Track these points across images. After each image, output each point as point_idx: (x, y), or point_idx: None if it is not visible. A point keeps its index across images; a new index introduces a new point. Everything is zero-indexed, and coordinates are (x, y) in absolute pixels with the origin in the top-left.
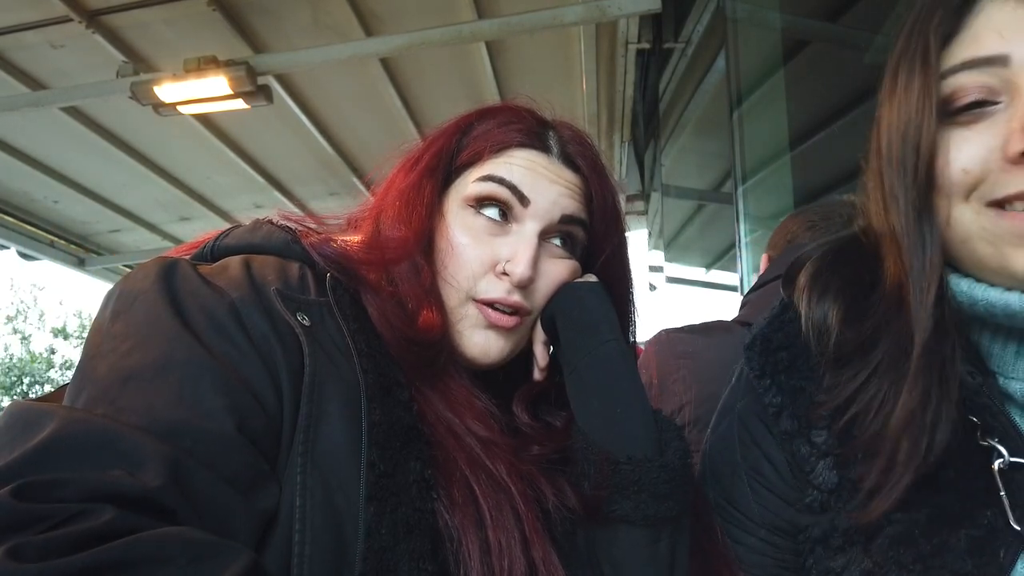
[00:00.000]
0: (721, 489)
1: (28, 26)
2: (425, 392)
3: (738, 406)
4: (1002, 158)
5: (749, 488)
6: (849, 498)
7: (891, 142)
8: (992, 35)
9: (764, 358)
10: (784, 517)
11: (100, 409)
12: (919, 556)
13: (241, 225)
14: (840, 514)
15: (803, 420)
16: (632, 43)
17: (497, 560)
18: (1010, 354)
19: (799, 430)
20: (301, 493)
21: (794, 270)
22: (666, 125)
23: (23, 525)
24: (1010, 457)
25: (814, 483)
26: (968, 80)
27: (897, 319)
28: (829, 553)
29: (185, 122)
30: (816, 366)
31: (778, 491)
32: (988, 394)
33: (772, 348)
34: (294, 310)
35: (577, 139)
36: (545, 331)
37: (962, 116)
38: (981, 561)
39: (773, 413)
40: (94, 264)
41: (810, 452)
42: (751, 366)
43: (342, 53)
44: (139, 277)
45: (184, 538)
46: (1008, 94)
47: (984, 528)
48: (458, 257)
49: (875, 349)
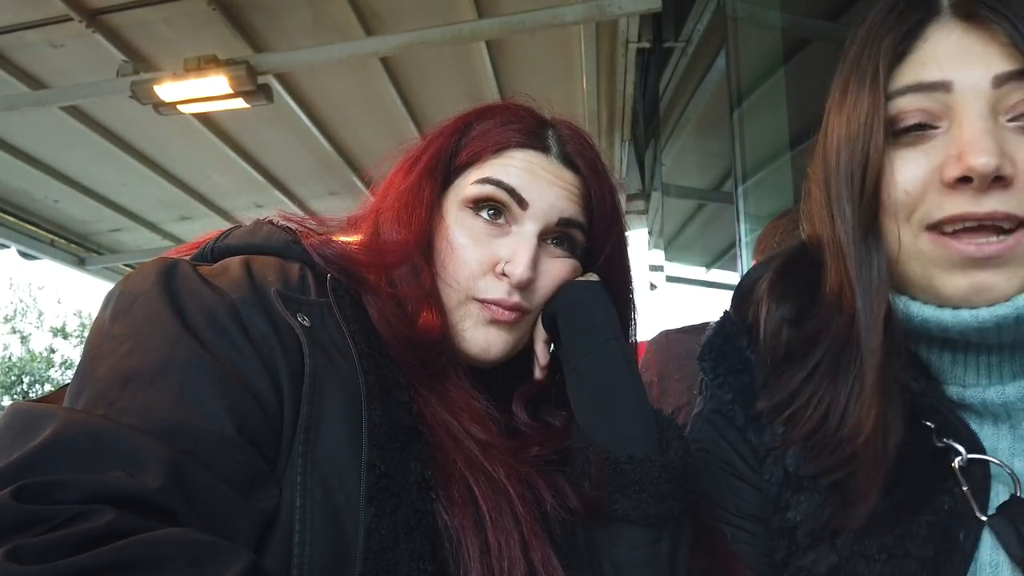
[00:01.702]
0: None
1: (28, 25)
2: (424, 394)
3: (705, 409)
4: (939, 181)
5: (724, 481)
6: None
7: (839, 154)
8: (936, 62)
9: (715, 363)
10: (755, 503)
11: (100, 410)
12: (883, 546)
13: (241, 225)
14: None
15: (750, 415)
16: (632, 42)
17: (496, 561)
18: (946, 362)
19: (747, 424)
20: (301, 494)
21: (744, 287)
22: (666, 124)
23: (23, 526)
24: (968, 454)
25: (764, 476)
26: (911, 103)
27: (836, 322)
28: (799, 551)
29: (185, 121)
30: (757, 370)
31: (748, 480)
32: (934, 397)
33: (721, 354)
34: (294, 311)
35: (576, 138)
36: (546, 330)
37: (905, 137)
38: (943, 546)
39: (729, 408)
40: (94, 263)
41: (759, 444)
42: (704, 370)
43: (342, 52)
44: (139, 278)
45: (184, 539)
46: (948, 120)
47: (943, 514)
48: (458, 258)
49: (814, 350)
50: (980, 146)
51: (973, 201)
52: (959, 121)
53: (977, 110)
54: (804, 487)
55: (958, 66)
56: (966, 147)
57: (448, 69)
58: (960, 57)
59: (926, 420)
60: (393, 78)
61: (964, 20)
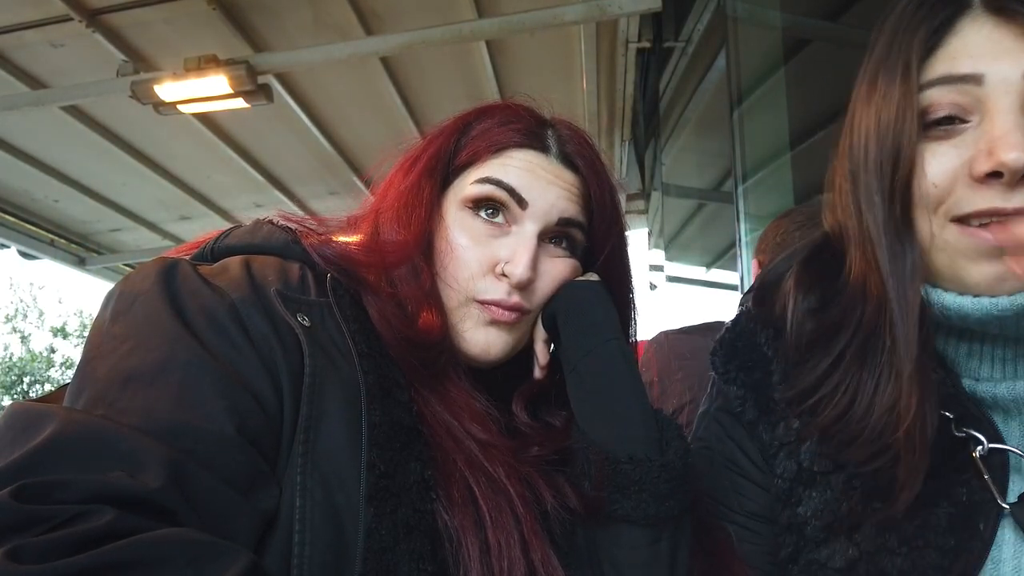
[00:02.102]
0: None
1: (28, 25)
2: (424, 393)
3: (712, 407)
4: (968, 175)
5: (728, 480)
6: (811, 487)
7: (867, 147)
8: (968, 55)
9: (727, 359)
10: (759, 502)
11: (100, 410)
12: (904, 538)
13: (241, 225)
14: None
15: (763, 410)
16: (632, 42)
17: (497, 561)
18: (962, 354)
19: (759, 418)
20: (301, 494)
21: (768, 281)
22: (666, 124)
23: (23, 526)
24: (989, 444)
25: (776, 471)
26: (942, 96)
27: (861, 310)
28: (810, 545)
29: (185, 121)
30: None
31: (753, 478)
32: (953, 387)
33: (733, 350)
34: (294, 311)
35: (576, 137)
36: (546, 329)
37: (935, 130)
38: (964, 535)
39: (739, 405)
40: (94, 263)
41: (771, 440)
42: (715, 367)
43: (342, 52)
44: (139, 278)
45: (184, 539)
46: (979, 113)
47: (961, 504)
48: (457, 258)
49: (838, 337)
50: (1011, 141)
51: (1002, 196)
52: (990, 115)
53: (1008, 104)
54: (817, 482)
55: (990, 60)
56: (997, 142)
57: (448, 69)
58: (991, 51)
59: (945, 410)
60: (393, 78)
61: (995, 14)
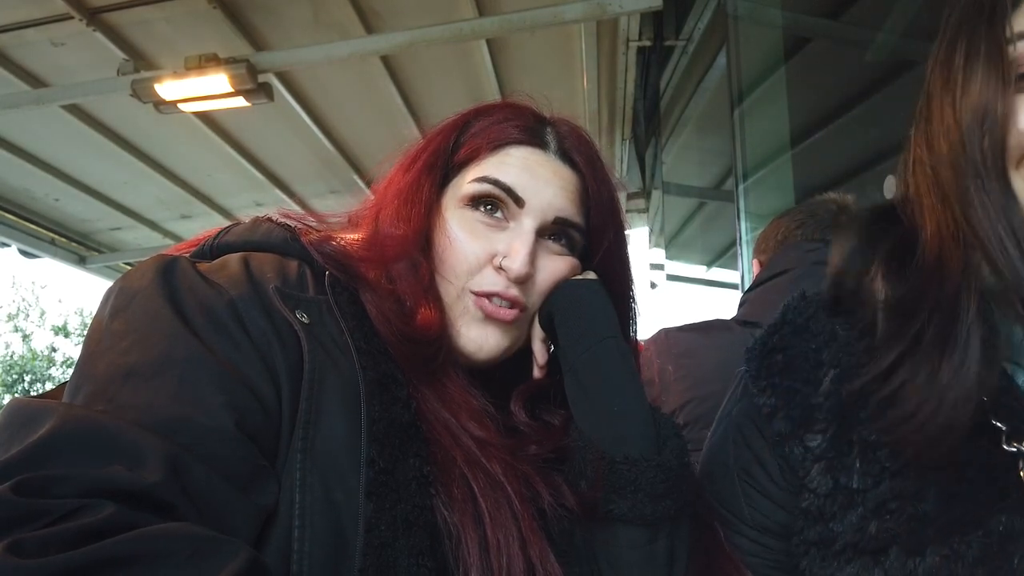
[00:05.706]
0: (713, 490)
1: (29, 24)
2: (422, 390)
3: (734, 410)
4: None
5: (740, 490)
6: (847, 505)
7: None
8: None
9: (762, 360)
10: (774, 519)
11: (99, 406)
12: (929, 570)
13: (241, 223)
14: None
15: (797, 422)
16: (633, 40)
17: (496, 557)
18: (1017, 338)
19: (792, 432)
20: (300, 489)
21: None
22: (667, 123)
23: (23, 520)
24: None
25: (809, 487)
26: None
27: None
28: (832, 562)
29: (186, 120)
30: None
31: (768, 494)
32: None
33: (769, 350)
34: (293, 307)
35: (574, 135)
36: (544, 328)
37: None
38: (991, 568)
39: (766, 415)
40: (95, 262)
41: (804, 455)
42: (749, 367)
43: (343, 51)
44: (138, 275)
45: (184, 534)
46: None
47: (997, 535)
48: (456, 252)
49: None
50: None
51: None
52: None
53: None
54: (854, 500)
55: None
56: None
57: (448, 67)
58: None
59: (998, 421)
60: (393, 76)
61: None
